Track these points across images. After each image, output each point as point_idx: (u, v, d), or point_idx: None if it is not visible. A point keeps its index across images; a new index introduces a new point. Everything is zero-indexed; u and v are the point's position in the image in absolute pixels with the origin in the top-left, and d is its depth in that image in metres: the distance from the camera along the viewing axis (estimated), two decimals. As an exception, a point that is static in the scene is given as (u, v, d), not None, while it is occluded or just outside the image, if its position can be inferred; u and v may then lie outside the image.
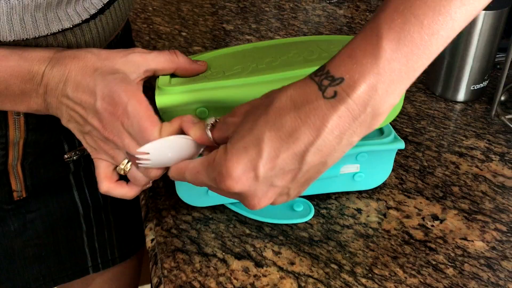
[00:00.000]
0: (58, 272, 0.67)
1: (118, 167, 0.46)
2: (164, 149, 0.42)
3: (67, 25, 0.47)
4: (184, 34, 0.88)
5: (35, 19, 0.44)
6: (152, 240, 0.52)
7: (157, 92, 0.46)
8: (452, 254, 0.50)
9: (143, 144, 0.42)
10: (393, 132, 0.53)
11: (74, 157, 0.59)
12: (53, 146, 0.59)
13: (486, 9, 0.63)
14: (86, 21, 0.49)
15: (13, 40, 0.44)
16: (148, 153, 0.42)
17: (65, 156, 0.59)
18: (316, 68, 0.46)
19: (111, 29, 0.53)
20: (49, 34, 0.46)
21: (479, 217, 0.54)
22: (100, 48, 0.47)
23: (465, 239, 0.51)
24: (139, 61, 0.46)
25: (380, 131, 0.53)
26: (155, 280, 0.49)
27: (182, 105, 0.46)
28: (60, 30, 0.46)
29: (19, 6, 0.42)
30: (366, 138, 0.51)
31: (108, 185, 0.47)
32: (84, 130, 0.46)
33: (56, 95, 0.45)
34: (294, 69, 0.47)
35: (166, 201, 0.55)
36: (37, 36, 0.45)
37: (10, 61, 0.44)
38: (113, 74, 0.44)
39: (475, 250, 0.50)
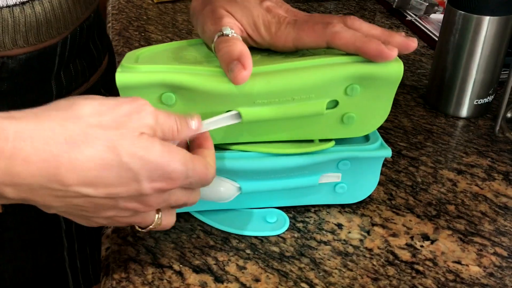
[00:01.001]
0: None
1: (150, 227, 0.39)
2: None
3: None
4: (175, 42, 0.84)
5: None
6: (107, 248, 0.47)
7: (118, 69, 0.41)
8: (443, 279, 0.43)
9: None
10: (380, 139, 0.47)
11: None
12: None
13: (491, 14, 0.58)
14: None
15: None
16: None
17: None
18: (295, 62, 0.42)
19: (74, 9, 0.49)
20: (3, 6, 0.42)
21: (477, 239, 0.47)
22: (87, 101, 0.34)
23: (459, 262, 0.45)
24: (150, 126, 0.35)
25: (366, 138, 0.48)
26: (103, 292, 0.44)
27: (145, 86, 0.41)
28: (18, 3, 0.43)
29: None
30: (349, 144, 0.46)
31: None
32: (99, 215, 0.36)
33: (41, 196, 0.33)
34: (272, 63, 0.42)
35: (126, 207, 0.50)
36: None
37: None
38: (147, 150, 0.34)
39: (470, 275, 0.44)
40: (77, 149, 0.32)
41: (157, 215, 0.38)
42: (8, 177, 0.31)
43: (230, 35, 0.42)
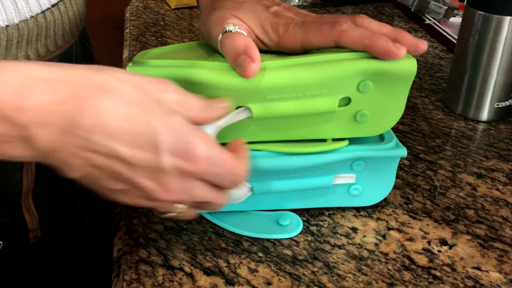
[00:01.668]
0: None
1: (168, 214, 0.37)
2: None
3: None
4: (191, 47, 0.84)
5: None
6: (119, 250, 0.47)
7: (130, 64, 0.42)
8: (461, 285, 0.42)
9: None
10: (395, 139, 0.46)
11: None
12: None
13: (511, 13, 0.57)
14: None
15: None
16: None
17: None
18: (306, 58, 0.41)
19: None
20: (39, 12, 0.43)
21: (497, 244, 0.46)
22: (121, 70, 0.34)
23: (478, 268, 0.43)
24: (176, 102, 0.35)
25: (381, 138, 0.47)
26: (114, 294, 0.43)
27: None
28: (50, 6, 0.43)
29: None
30: (363, 144, 0.45)
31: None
32: (114, 187, 0.34)
33: (67, 145, 0.31)
34: (282, 59, 0.42)
35: (139, 208, 0.50)
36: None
37: None
38: (172, 116, 0.33)
39: (490, 282, 0.42)
40: (104, 95, 0.30)
41: (179, 205, 0.36)
42: (39, 114, 0.29)
43: (233, 31, 0.42)
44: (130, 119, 0.31)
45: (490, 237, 0.46)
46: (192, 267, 0.43)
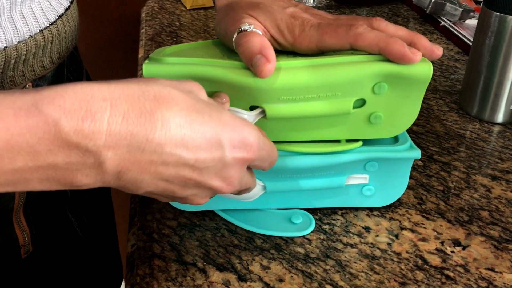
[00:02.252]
0: None
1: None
2: None
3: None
4: (206, 47, 0.85)
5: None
6: (133, 245, 0.47)
7: (146, 61, 0.42)
8: (475, 286, 0.41)
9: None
10: (409, 140, 0.46)
11: None
12: None
13: (527, 16, 0.57)
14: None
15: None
16: None
17: None
18: (322, 59, 0.42)
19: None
20: (37, 32, 0.43)
21: (511, 246, 0.45)
22: (160, 79, 0.34)
23: (492, 270, 0.43)
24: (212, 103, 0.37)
25: (395, 139, 0.47)
26: (127, 288, 0.44)
27: (171, 77, 0.41)
28: (48, 24, 0.43)
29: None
30: (377, 144, 0.45)
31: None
32: (184, 194, 0.34)
33: (137, 163, 0.30)
34: (298, 59, 0.42)
35: (153, 204, 0.50)
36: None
37: (27, 119, 0.27)
38: (221, 112, 0.34)
39: (504, 283, 0.42)
40: (166, 105, 0.31)
41: None
42: (109, 137, 0.29)
43: (248, 30, 0.42)
44: (193, 124, 0.31)
45: (504, 238, 0.46)
46: (205, 263, 0.44)
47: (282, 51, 0.45)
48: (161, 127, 0.30)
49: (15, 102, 0.28)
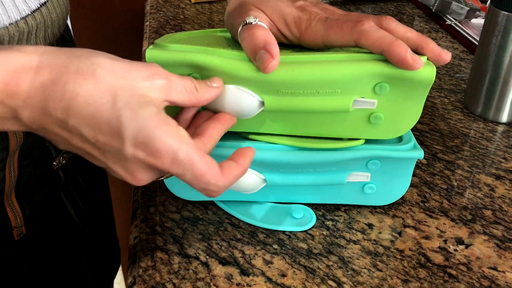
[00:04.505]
0: None
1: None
2: (223, 95, 0.40)
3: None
4: (211, 41, 0.85)
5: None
6: (136, 237, 0.47)
7: (150, 47, 0.42)
8: (477, 285, 0.41)
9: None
10: (413, 140, 0.46)
11: (63, 161, 0.54)
12: (43, 153, 0.52)
13: (535, 16, 0.56)
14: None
15: None
16: None
17: (54, 163, 0.52)
18: (324, 55, 0.41)
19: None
20: (19, 18, 0.42)
21: (514, 246, 0.45)
22: (107, 54, 0.35)
23: (495, 269, 0.43)
24: (163, 89, 0.35)
25: (399, 138, 0.46)
26: (129, 279, 0.44)
27: (173, 64, 0.41)
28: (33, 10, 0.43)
29: None
30: (381, 143, 0.45)
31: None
32: (95, 164, 0.36)
33: (48, 124, 0.34)
34: (300, 54, 0.42)
35: (156, 197, 0.50)
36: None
37: None
38: (144, 107, 0.33)
39: (506, 282, 0.42)
40: (83, 81, 0.33)
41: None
42: (28, 99, 0.33)
43: (253, 23, 0.42)
44: (100, 107, 0.33)
45: (507, 238, 0.46)
46: (207, 257, 0.44)
47: (285, 44, 0.45)
48: (69, 100, 0.33)
49: None
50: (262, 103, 0.42)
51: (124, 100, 0.33)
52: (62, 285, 0.59)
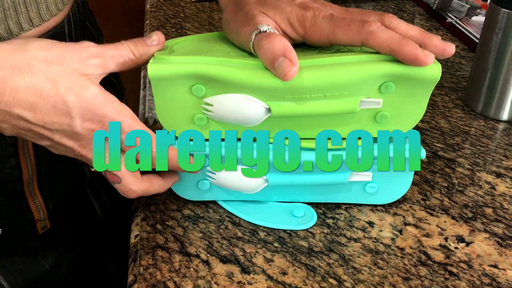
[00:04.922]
0: None
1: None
2: (228, 104, 0.41)
3: None
4: (211, 39, 0.85)
5: None
6: (136, 236, 0.47)
7: (151, 61, 0.41)
8: (478, 282, 0.42)
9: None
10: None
11: None
12: None
13: (535, 14, 0.56)
14: None
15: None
16: (212, 105, 0.42)
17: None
18: (329, 58, 0.41)
19: None
20: None
21: (515, 243, 0.45)
22: (40, 43, 0.38)
23: (496, 266, 0.43)
24: (99, 66, 0.39)
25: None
26: (130, 278, 0.44)
27: (176, 77, 0.41)
28: None
29: None
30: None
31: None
32: (42, 143, 0.40)
33: None
34: (305, 58, 0.41)
35: (157, 195, 0.50)
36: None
37: None
38: (86, 89, 0.38)
39: (507, 280, 0.42)
40: (21, 75, 0.36)
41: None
42: None
43: (268, 31, 0.41)
44: (43, 95, 0.36)
45: (508, 235, 0.46)
46: (208, 255, 0.44)
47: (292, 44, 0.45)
48: (10, 94, 0.36)
49: None
50: (269, 110, 0.42)
51: (64, 85, 0.37)
52: (85, 283, 0.59)
